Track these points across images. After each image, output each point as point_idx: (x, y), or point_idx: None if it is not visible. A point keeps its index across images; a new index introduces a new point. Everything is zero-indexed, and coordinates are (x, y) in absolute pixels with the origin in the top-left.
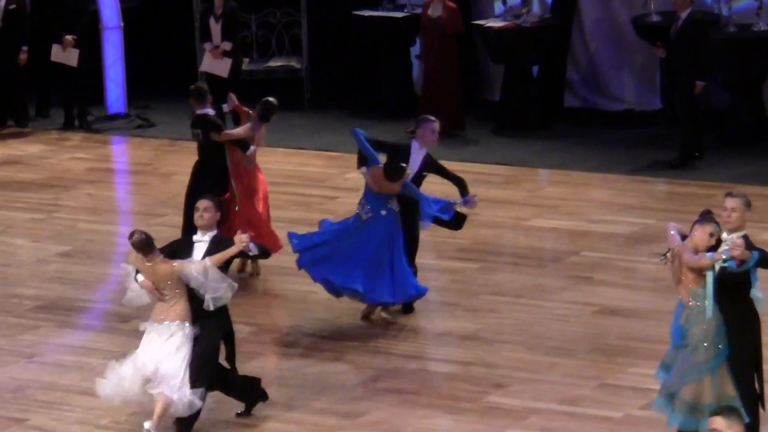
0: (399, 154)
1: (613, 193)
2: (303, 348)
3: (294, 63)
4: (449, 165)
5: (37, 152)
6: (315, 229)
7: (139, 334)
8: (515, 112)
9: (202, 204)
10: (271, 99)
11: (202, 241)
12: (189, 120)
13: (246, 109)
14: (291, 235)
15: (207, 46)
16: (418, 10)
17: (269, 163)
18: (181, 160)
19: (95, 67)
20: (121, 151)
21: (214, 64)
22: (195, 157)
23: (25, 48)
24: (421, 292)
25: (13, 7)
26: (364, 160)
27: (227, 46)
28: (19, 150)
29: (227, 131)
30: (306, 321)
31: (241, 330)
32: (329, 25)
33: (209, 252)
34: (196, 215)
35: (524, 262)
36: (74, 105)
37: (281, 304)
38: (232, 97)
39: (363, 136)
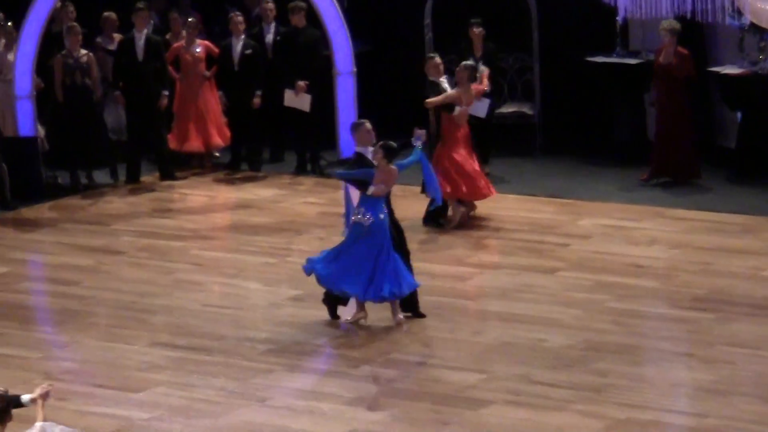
0: (360, 161)
1: None
2: (533, 396)
3: (526, 109)
4: (684, 213)
5: (270, 196)
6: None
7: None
8: (752, 160)
9: None
10: (469, 63)
11: None
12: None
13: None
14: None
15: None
16: (652, 56)
17: (500, 209)
18: (410, 205)
19: (328, 111)
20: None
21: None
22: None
23: (259, 92)
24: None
25: (249, 52)
26: (364, 183)
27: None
28: (252, 194)
29: (429, 100)
30: (536, 369)
31: (470, 377)
32: (562, 71)
33: None
34: None
35: (762, 313)
36: (307, 149)
37: (511, 351)
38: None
39: (345, 172)
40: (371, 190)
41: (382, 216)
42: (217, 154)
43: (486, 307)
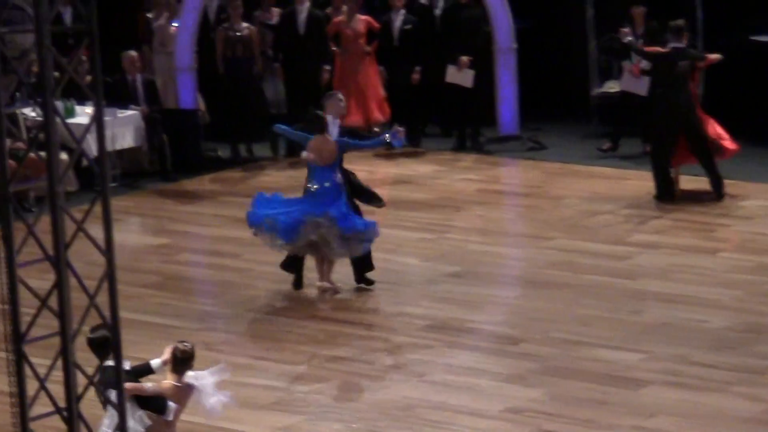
0: (316, 123)
1: None
2: (692, 377)
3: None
4: None
5: (428, 172)
6: None
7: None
8: None
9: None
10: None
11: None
12: (580, 143)
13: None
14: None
15: (626, 65)
16: None
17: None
18: (571, 184)
19: (488, 88)
20: (512, 173)
21: (632, 82)
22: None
23: (418, 68)
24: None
25: (408, 27)
26: (300, 146)
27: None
28: (410, 170)
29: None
30: (696, 350)
31: (629, 357)
32: (726, 51)
33: None
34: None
35: None
36: (467, 126)
37: (671, 332)
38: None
39: (287, 128)
40: (303, 154)
41: (327, 184)
42: (377, 129)
43: (645, 287)
